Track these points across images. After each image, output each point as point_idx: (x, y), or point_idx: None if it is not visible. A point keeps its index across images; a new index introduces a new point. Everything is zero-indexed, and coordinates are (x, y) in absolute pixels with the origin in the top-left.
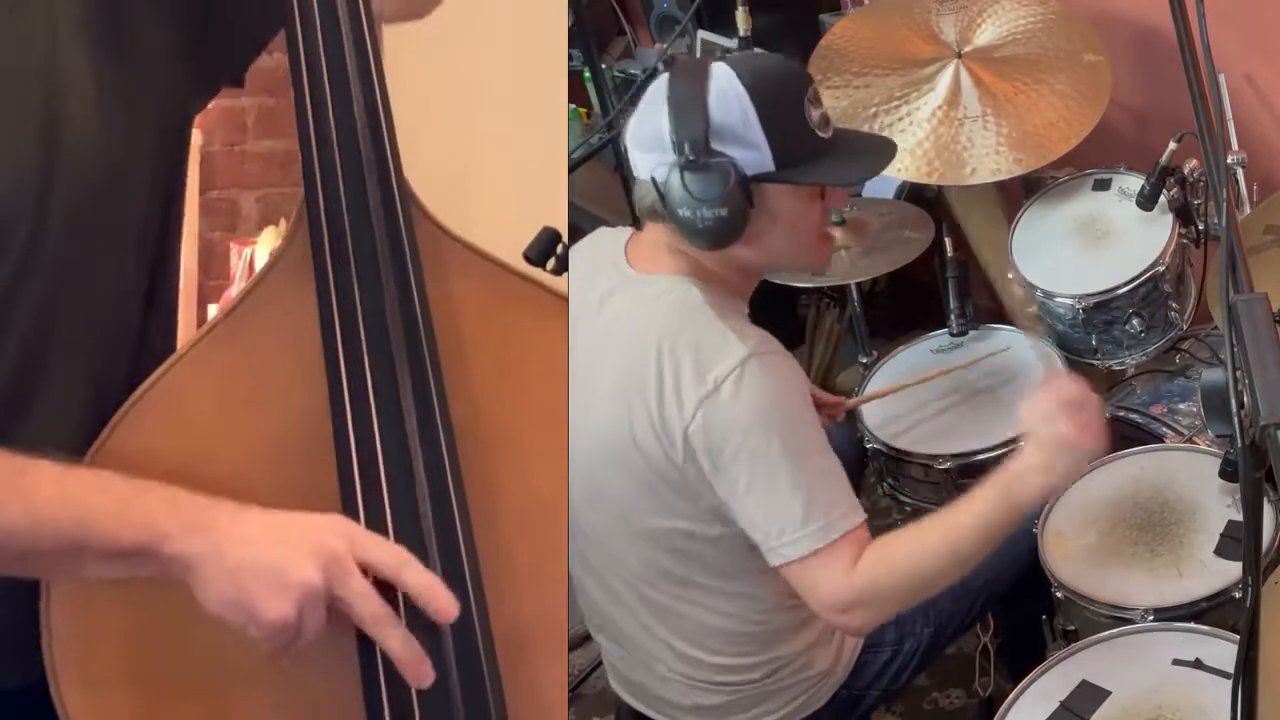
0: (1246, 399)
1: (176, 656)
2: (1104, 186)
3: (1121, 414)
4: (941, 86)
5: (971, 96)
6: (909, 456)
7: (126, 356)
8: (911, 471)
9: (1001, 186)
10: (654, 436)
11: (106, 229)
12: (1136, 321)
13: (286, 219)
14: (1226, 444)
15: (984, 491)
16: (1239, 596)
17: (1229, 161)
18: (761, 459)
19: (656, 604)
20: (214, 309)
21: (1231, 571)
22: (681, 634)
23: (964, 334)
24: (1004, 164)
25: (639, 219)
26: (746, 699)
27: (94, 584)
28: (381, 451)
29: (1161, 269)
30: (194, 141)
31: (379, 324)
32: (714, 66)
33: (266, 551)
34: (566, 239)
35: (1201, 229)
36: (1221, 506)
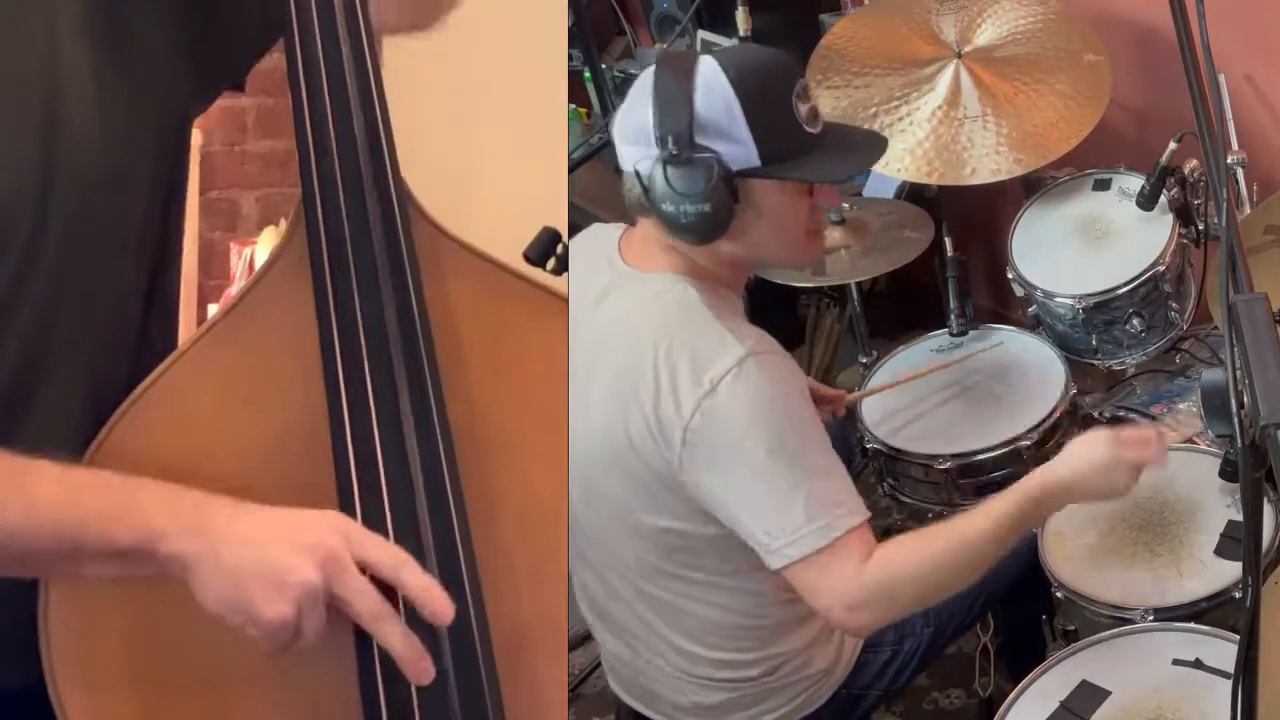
0: (1246, 399)
1: (176, 656)
2: (1104, 186)
3: (1121, 414)
4: (941, 86)
5: (971, 96)
6: (909, 456)
7: (126, 356)
8: (911, 471)
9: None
10: (650, 437)
11: (106, 229)
12: (1137, 321)
13: (286, 219)
14: (1226, 444)
15: (1010, 497)
16: (1239, 596)
17: (1229, 161)
18: (761, 459)
19: (655, 599)
20: (214, 309)
21: (1231, 571)
22: (680, 629)
23: (964, 334)
24: (1004, 164)
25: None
26: (746, 697)
27: (93, 583)
28: (380, 454)
29: (1161, 269)
30: (194, 141)
31: (378, 330)
32: (700, 60)
33: (264, 551)
34: (566, 239)
35: (1201, 229)
36: (1221, 506)
